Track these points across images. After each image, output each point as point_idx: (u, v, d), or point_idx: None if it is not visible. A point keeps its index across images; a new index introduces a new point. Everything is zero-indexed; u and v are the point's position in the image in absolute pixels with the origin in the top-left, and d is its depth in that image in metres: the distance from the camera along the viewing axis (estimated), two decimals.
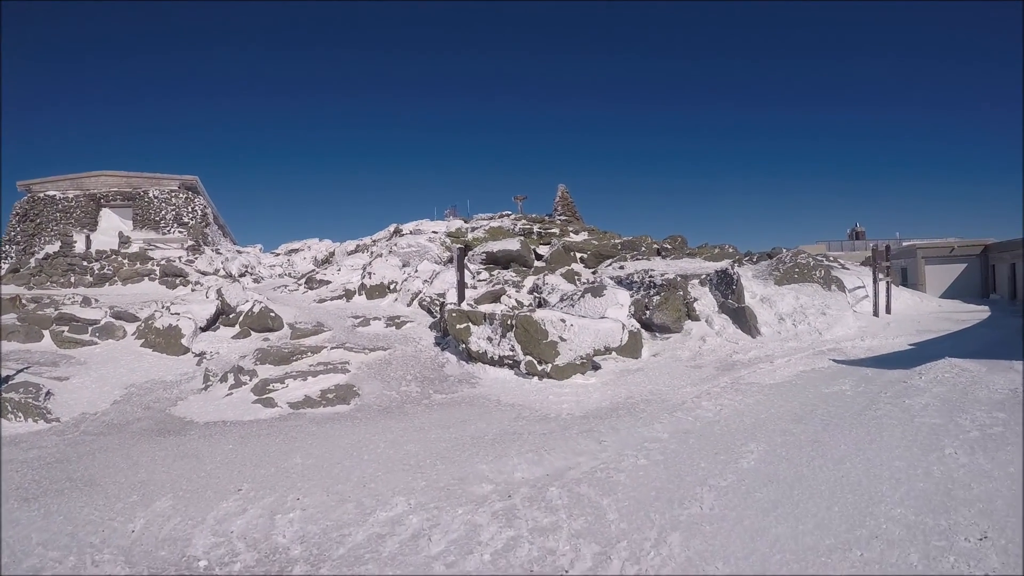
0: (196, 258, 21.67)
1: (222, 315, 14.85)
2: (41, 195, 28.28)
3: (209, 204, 30.33)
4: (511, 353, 10.23)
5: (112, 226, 28.16)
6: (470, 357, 10.86)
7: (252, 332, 14.19)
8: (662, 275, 14.39)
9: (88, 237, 26.98)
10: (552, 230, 23.44)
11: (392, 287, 15.99)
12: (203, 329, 14.48)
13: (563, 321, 10.23)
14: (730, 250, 24.17)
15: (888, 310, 18.57)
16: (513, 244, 17.86)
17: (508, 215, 26.10)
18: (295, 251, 25.06)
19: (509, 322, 10.35)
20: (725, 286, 16.16)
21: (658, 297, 14.14)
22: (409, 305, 14.84)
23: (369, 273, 16.19)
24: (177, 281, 20.54)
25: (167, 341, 13.74)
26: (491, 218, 25.54)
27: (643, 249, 21.76)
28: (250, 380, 10.70)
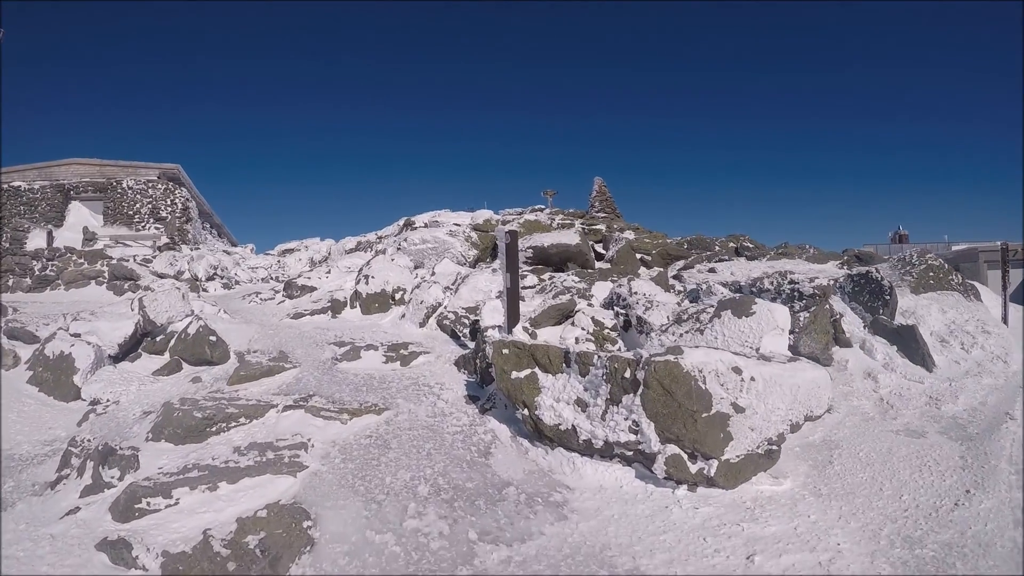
0: (155, 257, 16.23)
1: (146, 336, 9.39)
2: (5, 186, 23.53)
3: (195, 197, 25.07)
4: (633, 437, 4.70)
5: (80, 220, 22.99)
6: (540, 434, 5.34)
7: (184, 364, 8.73)
8: (811, 281, 8.83)
9: (50, 233, 21.85)
10: (597, 226, 17.89)
11: (398, 296, 10.43)
12: (116, 358, 9.03)
13: (737, 373, 4.69)
14: (812, 251, 18.54)
15: (1005, 320, 13.68)
16: (570, 237, 12.13)
17: (541, 209, 20.57)
18: (289, 251, 19.62)
19: (628, 374, 4.80)
20: (871, 297, 10.60)
21: (806, 314, 8.61)
22: (423, 325, 9.23)
23: (366, 276, 10.58)
24: (126, 286, 15.13)
25: (56, 378, 8.41)
26: (521, 212, 19.99)
27: (717, 248, 16.16)
28: (120, 478, 5.23)
